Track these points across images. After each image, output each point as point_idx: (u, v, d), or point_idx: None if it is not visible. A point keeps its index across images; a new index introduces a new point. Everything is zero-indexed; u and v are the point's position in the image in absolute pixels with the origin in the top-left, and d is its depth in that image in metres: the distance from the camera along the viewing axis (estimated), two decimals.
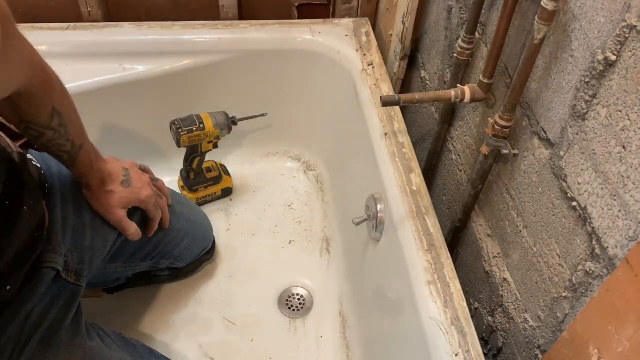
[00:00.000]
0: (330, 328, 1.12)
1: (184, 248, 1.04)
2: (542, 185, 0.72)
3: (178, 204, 1.03)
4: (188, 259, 1.08)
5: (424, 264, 0.81)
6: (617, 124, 0.56)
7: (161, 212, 0.92)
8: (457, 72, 0.94)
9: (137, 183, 0.86)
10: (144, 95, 1.23)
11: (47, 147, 0.72)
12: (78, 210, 0.81)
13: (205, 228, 1.12)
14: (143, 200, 0.86)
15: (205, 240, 1.13)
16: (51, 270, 0.73)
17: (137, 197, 0.85)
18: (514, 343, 0.82)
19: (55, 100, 0.69)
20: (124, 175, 0.85)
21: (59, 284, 0.75)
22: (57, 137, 0.71)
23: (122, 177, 0.84)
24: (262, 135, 1.39)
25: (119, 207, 0.83)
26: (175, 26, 1.24)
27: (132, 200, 0.85)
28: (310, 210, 1.34)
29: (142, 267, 0.99)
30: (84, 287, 0.79)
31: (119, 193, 0.83)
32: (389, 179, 0.95)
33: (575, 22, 0.62)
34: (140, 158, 0.98)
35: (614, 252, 0.58)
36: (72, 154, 0.75)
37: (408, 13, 1.12)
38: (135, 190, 0.85)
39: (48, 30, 1.19)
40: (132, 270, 0.99)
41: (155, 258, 0.99)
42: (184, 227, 1.02)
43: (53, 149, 0.73)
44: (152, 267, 1.02)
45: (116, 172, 0.84)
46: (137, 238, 0.87)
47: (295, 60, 1.28)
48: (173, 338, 1.09)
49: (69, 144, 0.73)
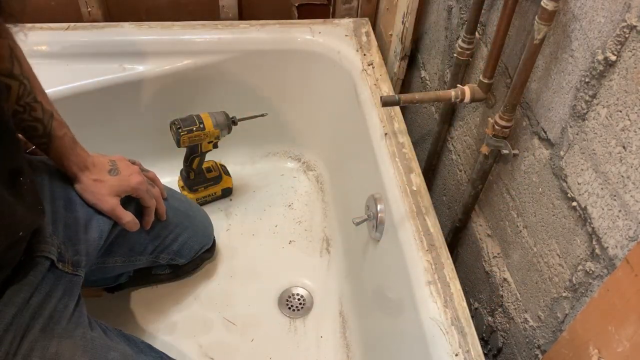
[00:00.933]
0: (330, 328, 1.12)
1: (183, 242, 1.04)
2: (542, 185, 0.72)
3: (174, 199, 1.04)
4: (188, 255, 1.08)
5: (424, 264, 0.81)
6: (617, 124, 0.56)
7: (156, 202, 0.93)
8: (457, 72, 0.94)
9: (125, 171, 0.87)
10: (144, 95, 1.23)
11: (20, 114, 0.73)
12: (69, 205, 0.82)
13: (204, 224, 1.12)
14: (134, 186, 0.87)
15: (205, 236, 1.13)
16: (44, 259, 0.74)
17: (127, 184, 0.86)
18: (514, 343, 0.82)
19: (12, 45, 0.70)
20: (110, 165, 0.86)
21: (55, 273, 0.76)
22: (25, 93, 0.72)
23: (109, 167, 0.86)
24: (262, 135, 1.39)
25: (110, 194, 0.84)
26: (175, 26, 1.24)
27: (122, 186, 0.86)
28: (310, 210, 1.34)
29: (142, 261, 0.99)
30: (82, 276, 0.80)
31: (108, 181, 0.84)
32: (389, 179, 0.95)
33: (575, 22, 0.62)
34: (140, 158, 0.98)
35: (614, 252, 0.58)
36: (45, 122, 0.75)
37: (408, 13, 1.12)
38: (125, 177, 0.86)
39: (48, 30, 1.19)
40: (132, 265, 0.99)
41: (155, 252, 0.99)
42: (182, 221, 1.02)
43: (25, 115, 0.73)
44: (152, 263, 1.02)
45: (102, 162, 0.86)
46: (134, 228, 0.88)
47: (295, 60, 1.28)
48: (173, 338, 1.09)
49: (39, 107, 0.74)
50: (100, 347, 0.77)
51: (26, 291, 0.71)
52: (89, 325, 0.79)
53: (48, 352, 0.72)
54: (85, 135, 0.88)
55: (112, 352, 0.79)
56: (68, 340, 0.74)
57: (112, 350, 0.79)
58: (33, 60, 0.77)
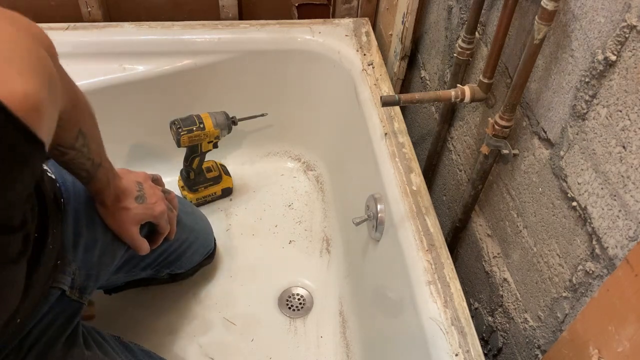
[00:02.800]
0: (330, 328, 1.12)
1: (186, 258, 1.04)
2: (542, 185, 0.72)
3: (183, 213, 1.01)
4: (188, 266, 1.08)
5: (424, 264, 0.81)
6: (617, 123, 0.56)
7: (169, 226, 0.91)
8: (457, 72, 0.94)
9: (151, 198, 0.84)
10: (144, 95, 1.23)
11: (67, 164, 0.71)
12: (91, 224, 0.79)
13: (207, 235, 1.12)
14: (156, 216, 0.84)
15: (206, 247, 1.12)
16: (57, 290, 0.72)
17: (151, 214, 0.83)
18: (514, 343, 0.82)
19: (81, 122, 0.68)
20: (137, 190, 0.82)
21: (63, 302, 0.74)
22: (79, 157, 0.70)
23: (137, 193, 0.82)
24: (262, 135, 1.39)
25: (133, 223, 0.81)
26: (175, 26, 1.24)
27: (146, 216, 0.83)
28: (310, 210, 1.34)
29: (143, 275, 0.99)
30: (85, 304, 0.78)
31: (134, 209, 0.81)
32: (389, 179, 0.95)
33: (575, 22, 0.62)
34: (140, 158, 0.98)
35: (614, 252, 0.58)
36: (91, 172, 0.73)
37: (408, 13, 1.12)
38: (150, 206, 0.83)
39: (48, 30, 1.17)
40: (132, 278, 0.99)
41: (157, 267, 0.98)
42: (187, 237, 1.01)
43: (73, 167, 0.71)
44: (152, 275, 1.02)
45: (130, 188, 0.82)
46: (146, 253, 0.86)
47: (295, 60, 1.28)
48: (173, 338, 1.09)
49: (89, 163, 0.72)
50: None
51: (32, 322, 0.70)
52: (83, 344, 0.77)
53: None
54: None
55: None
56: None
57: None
58: None
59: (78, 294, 0.76)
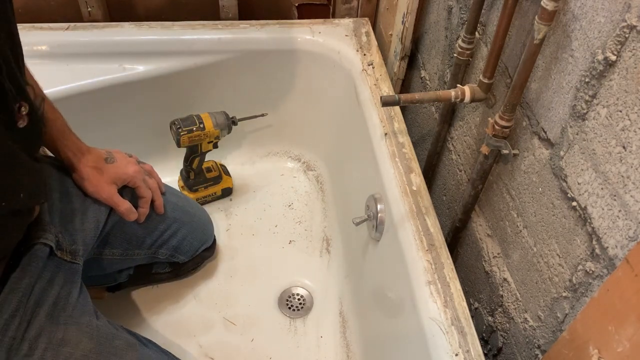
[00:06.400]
0: (330, 328, 1.12)
1: (182, 238, 1.04)
2: (542, 185, 0.72)
3: (172, 194, 1.05)
4: (188, 252, 1.08)
5: (424, 263, 0.81)
6: (617, 123, 0.56)
7: (153, 194, 0.94)
8: (457, 72, 0.94)
9: (122, 161, 0.89)
10: (144, 95, 1.23)
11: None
12: (64, 197, 0.83)
13: (203, 221, 1.13)
14: (130, 174, 0.89)
15: (205, 234, 1.13)
16: (43, 245, 0.75)
17: (124, 172, 0.88)
18: (514, 343, 0.82)
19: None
20: (106, 154, 0.88)
21: (55, 261, 0.77)
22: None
23: (105, 155, 0.88)
24: (262, 135, 1.39)
25: (108, 182, 0.86)
26: (175, 26, 1.24)
27: (119, 174, 0.88)
28: (310, 210, 1.34)
29: (141, 256, 1.00)
30: (81, 265, 0.82)
31: (106, 169, 0.86)
32: (389, 179, 0.95)
33: (575, 22, 0.62)
34: (140, 158, 0.98)
35: (614, 252, 0.58)
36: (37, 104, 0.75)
37: (408, 13, 1.12)
38: (121, 166, 0.88)
39: (48, 30, 1.19)
40: (130, 260, 1.00)
41: (153, 247, 1.00)
42: (180, 217, 1.03)
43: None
44: (151, 259, 1.02)
45: (98, 152, 0.88)
46: (131, 215, 0.89)
47: (295, 60, 1.28)
48: (173, 338, 1.09)
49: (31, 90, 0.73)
50: (105, 334, 0.79)
51: (29, 277, 0.72)
52: (94, 314, 0.80)
53: (54, 338, 0.73)
54: (85, 136, 0.88)
55: (117, 340, 0.80)
56: (74, 326, 0.76)
57: (116, 338, 0.80)
58: (33, 60, 0.77)
59: (70, 256, 0.80)
